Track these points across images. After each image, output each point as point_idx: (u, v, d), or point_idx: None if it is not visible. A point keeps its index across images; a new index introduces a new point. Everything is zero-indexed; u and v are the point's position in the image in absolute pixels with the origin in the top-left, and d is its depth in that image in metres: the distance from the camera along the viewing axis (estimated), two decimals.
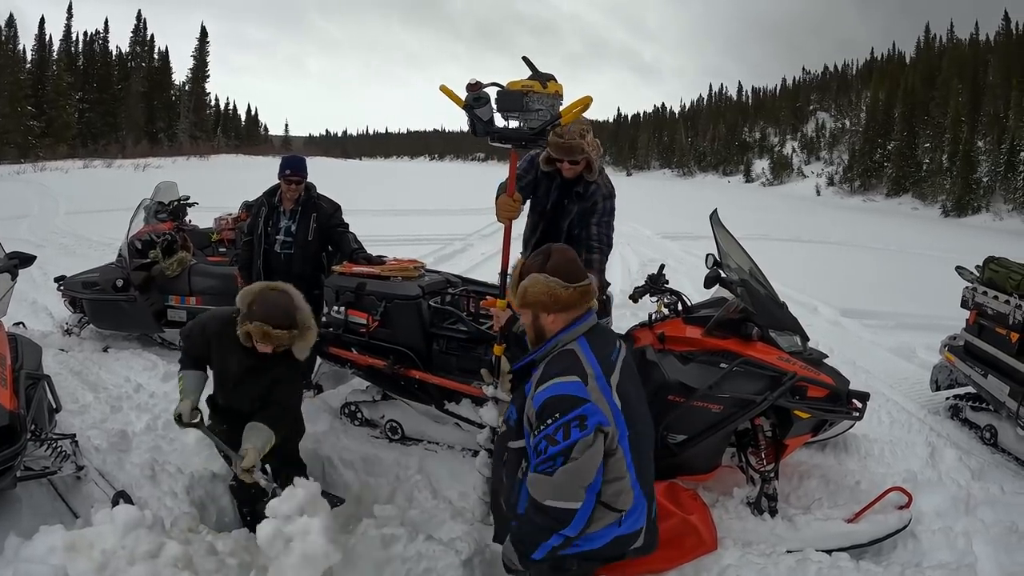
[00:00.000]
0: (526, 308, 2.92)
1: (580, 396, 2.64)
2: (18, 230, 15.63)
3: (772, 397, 4.03)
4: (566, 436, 2.60)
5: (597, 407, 2.65)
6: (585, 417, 2.61)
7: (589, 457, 2.63)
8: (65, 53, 60.68)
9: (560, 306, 2.83)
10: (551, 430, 2.62)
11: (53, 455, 4.05)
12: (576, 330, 2.85)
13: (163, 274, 7.30)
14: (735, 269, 4.53)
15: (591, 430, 2.61)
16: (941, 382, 6.28)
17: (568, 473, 2.62)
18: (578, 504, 2.66)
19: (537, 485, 2.69)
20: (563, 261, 2.89)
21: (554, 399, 2.65)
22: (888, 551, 4.05)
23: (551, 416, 2.63)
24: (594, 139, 4.46)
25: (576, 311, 2.87)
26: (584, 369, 2.72)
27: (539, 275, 2.84)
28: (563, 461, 2.62)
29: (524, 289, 2.87)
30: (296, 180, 5.61)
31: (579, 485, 2.66)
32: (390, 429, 5.24)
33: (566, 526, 2.69)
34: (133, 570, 3.03)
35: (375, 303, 4.96)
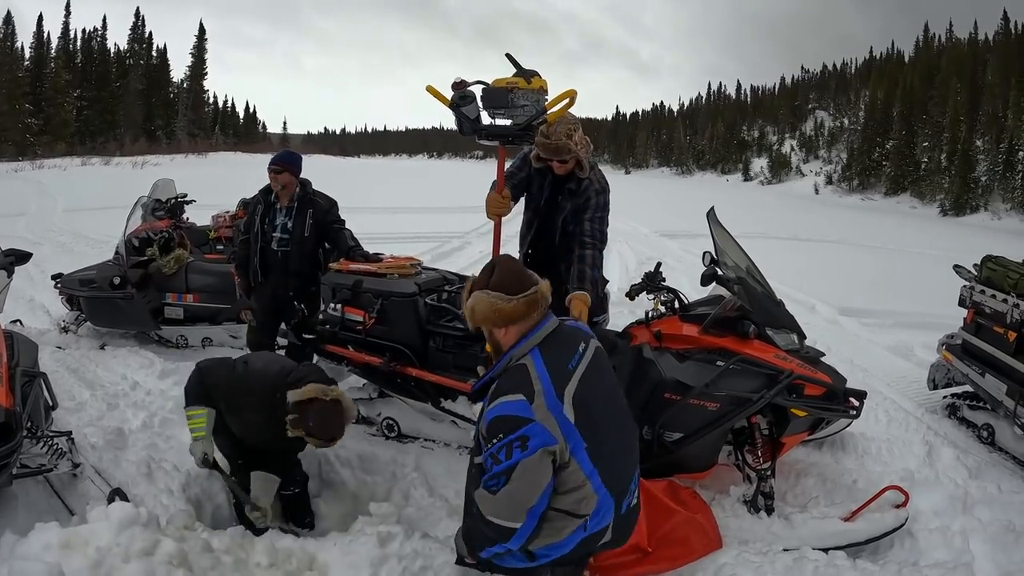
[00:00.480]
0: (477, 326, 2.92)
1: (524, 416, 2.62)
2: (16, 228, 15.62)
3: (769, 395, 4.03)
4: (508, 456, 2.61)
5: (542, 427, 2.62)
6: (528, 438, 2.59)
7: (531, 478, 2.63)
8: (63, 51, 60.68)
9: (507, 320, 2.81)
10: (495, 449, 2.63)
11: (49, 452, 4.04)
12: (529, 342, 2.81)
13: (160, 272, 7.30)
14: (732, 267, 4.52)
15: (532, 451, 2.60)
16: (938, 381, 6.29)
17: (509, 494, 2.64)
18: (517, 525, 2.68)
19: (482, 501, 2.72)
20: (506, 273, 2.86)
21: (499, 419, 2.65)
22: (885, 550, 4.05)
23: (495, 436, 2.64)
24: (583, 137, 4.42)
25: (527, 322, 2.83)
26: (532, 387, 2.68)
27: (481, 293, 2.83)
28: (505, 481, 2.63)
29: (471, 308, 2.87)
30: (276, 169, 5.58)
31: (520, 507, 2.66)
32: (387, 427, 5.24)
33: (506, 541, 2.72)
34: (128, 568, 3.02)
35: (372, 300, 4.95)
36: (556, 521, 2.77)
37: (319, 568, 3.44)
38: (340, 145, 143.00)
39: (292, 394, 3.72)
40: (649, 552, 3.53)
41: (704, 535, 3.73)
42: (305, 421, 3.67)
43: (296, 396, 3.70)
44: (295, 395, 3.71)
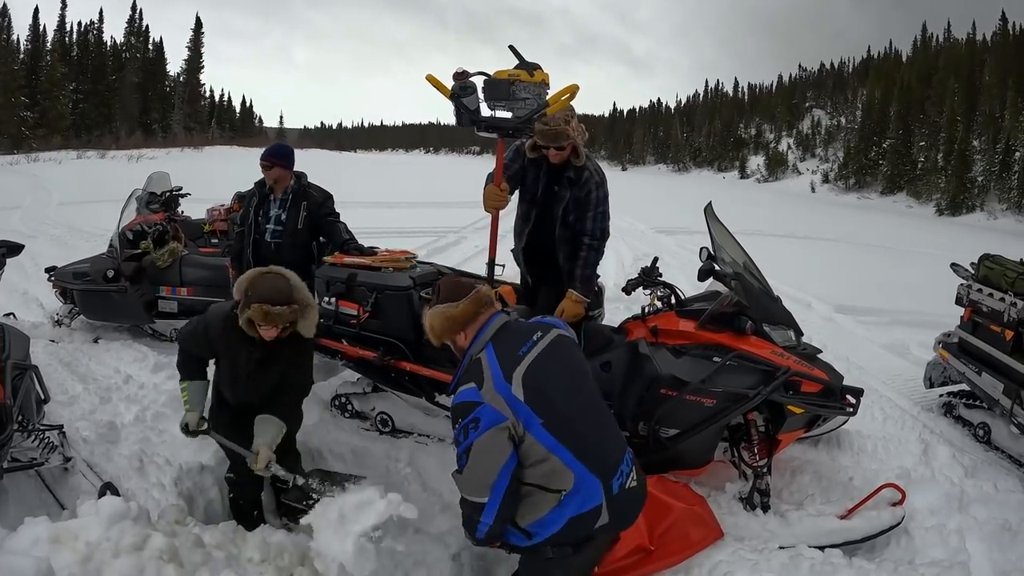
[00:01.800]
0: (441, 341, 3.15)
1: (474, 400, 2.85)
2: (10, 221, 15.56)
3: (766, 392, 4.02)
4: (465, 437, 2.83)
5: (491, 407, 2.83)
6: (479, 419, 2.81)
7: (488, 455, 2.82)
8: (59, 43, 60.43)
9: (460, 324, 3.06)
10: (456, 433, 2.88)
11: (40, 446, 4.03)
12: (482, 339, 3.04)
13: (154, 265, 7.26)
14: (729, 263, 4.51)
15: (483, 431, 2.80)
16: (935, 379, 6.28)
17: (471, 471, 2.85)
18: (484, 499, 2.85)
19: (456, 480, 2.95)
20: (447, 287, 3.15)
21: (456, 407, 2.90)
22: (881, 548, 4.06)
23: (455, 421, 2.88)
24: (579, 124, 4.42)
25: (479, 319, 3.06)
26: (482, 374, 2.91)
27: (431, 310, 3.11)
28: (467, 460, 2.85)
29: (430, 327, 3.12)
30: (265, 165, 5.57)
31: (482, 483, 2.84)
32: (380, 421, 5.22)
33: (480, 516, 2.88)
34: (117, 562, 3.00)
35: (366, 294, 4.92)
36: (533, 496, 2.93)
37: (311, 563, 3.41)
38: (336, 140, 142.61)
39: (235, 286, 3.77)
40: (652, 550, 3.53)
41: (704, 525, 3.73)
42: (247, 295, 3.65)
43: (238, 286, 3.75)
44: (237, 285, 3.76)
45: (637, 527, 3.51)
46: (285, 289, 3.70)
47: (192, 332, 4.02)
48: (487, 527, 2.89)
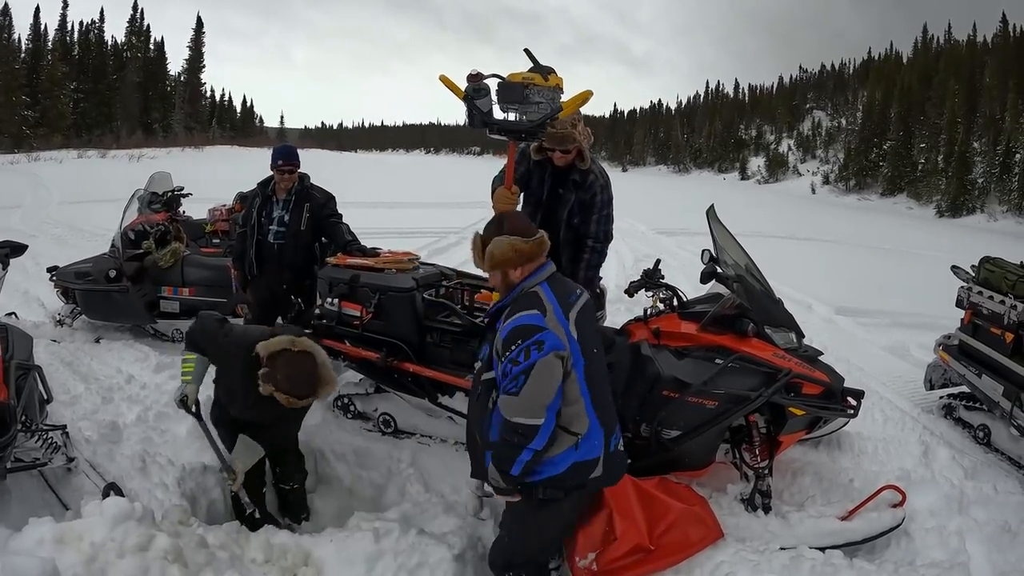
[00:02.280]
0: (495, 269, 3.22)
1: (538, 324, 2.99)
2: (11, 220, 15.54)
3: (767, 394, 4.03)
4: (526, 357, 2.94)
5: (553, 334, 2.99)
6: (543, 342, 2.95)
7: (548, 377, 2.96)
8: (60, 43, 60.35)
9: (524, 258, 3.17)
10: (514, 354, 2.97)
11: (43, 446, 4.03)
12: (539, 276, 3.19)
13: (156, 265, 7.28)
14: (731, 265, 4.52)
15: (547, 352, 2.94)
16: (935, 381, 6.30)
17: (530, 391, 2.94)
18: (540, 421, 2.96)
19: (506, 404, 2.99)
20: (517, 221, 3.29)
21: (517, 328, 3.01)
22: (881, 549, 4.07)
23: (514, 343, 2.98)
24: (585, 128, 4.45)
25: (537, 261, 3.21)
26: (544, 304, 3.07)
27: (501, 237, 3.17)
28: (525, 380, 2.94)
29: (491, 252, 3.18)
30: (289, 169, 5.59)
31: (540, 402, 2.97)
32: (383, 422, 5.23)
33: (531, 441, 2.98)
34: (122, 563, 3.02)
35: (369, 295, 4.93)
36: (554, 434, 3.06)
37: (314, 564, 3.44)
38: (337, 140, 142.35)
39: (262, 346, 3.71)
40: (652, 550, 3.54)
41: (704, 525, 3.74)
42: (274, 375, 3.63)
43: (264, 348, 3.69)
44: (264, 347, 3.70)
45: (637, 526, 3.53)
46: (311, 379, 3.71)
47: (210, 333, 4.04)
48: (532, 454, 3.00)
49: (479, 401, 3.32)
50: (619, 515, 3.52)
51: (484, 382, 3.26)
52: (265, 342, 3.71)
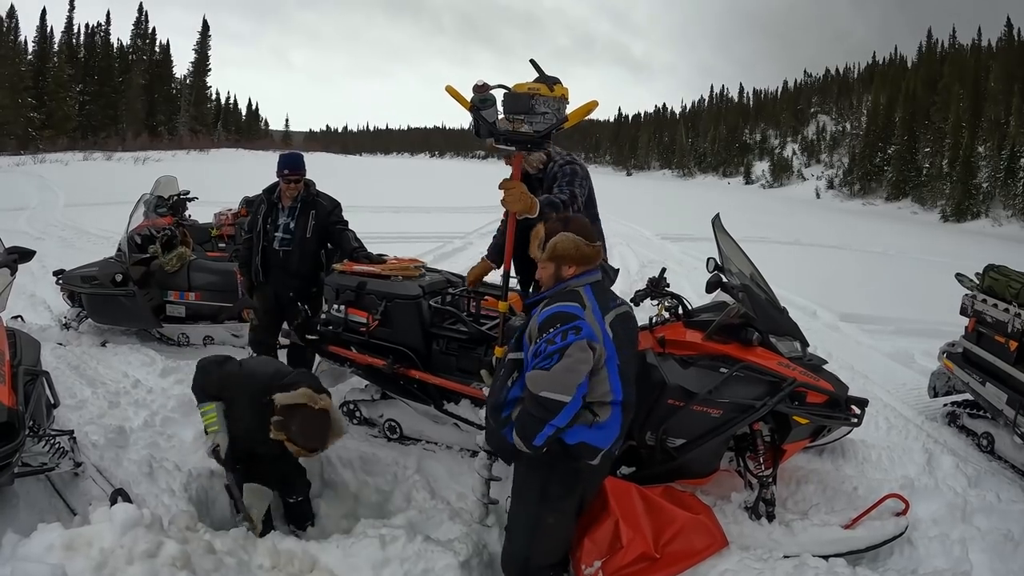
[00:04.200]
0: (551, 261, 3.36)
1: (576, 314, 3.14)
2: (17, 222, 15.59)
3: (772, 402, 4.03)
4: (563, 339, 3.06)
5: (589, 326, 3.13)
6: (580, 328, 3.08)
7: (580, 360, 3.06)
8: (66, 45, 60.62)
9: (583, 260, 3.33)
10: (551, 335, 3.09)
11: (51, 451, 4.04)
12: (585, 279, 3.35)
13: (162, 269, 7.31)
14: (736, 274, 4.53)
15: (582, 337, 3.07)
16: (939, 389, 6.30)
17: (563, 368, 3.04)
18: (568, 398, 3.06)
19: (535, 379, 3.09)
20: (582, 226, 3.39)
21: (556, 314, 3.14)
22: (884, 557, 4.07)
23: (552, 326, 3.11)
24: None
25: (589, 265, 3.37)
26: (583, 301, 3.22)
27: (568, 234, 3.32)
28: (559, 358, 3.05)
29: (554, 244, 3.33)
30: (295, 179, 5.60)
31: (571, 382, 3.06)
32: (388, 428, 5.24)
33: (555, 417, 3.07)
34: (131, 569, 3.03)
35: (375, 302, 4.96)
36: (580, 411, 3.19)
37: (321, 570, 3.45)
38: (342, 143, 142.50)
39: (280, 396, 3.72)
40: (657, 558, 3.55)
41: (709, 534, 3.74)
42: (288, 425, 3.66)
43: (284, 399, 3.70)
44: (283, 398, 3.70)
45: (643, 535, 3.54)
46: (325, 435, 3.77)
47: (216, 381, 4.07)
48: (554, 430, 3.10)
49: (502, 375, 3.43)
50: (625, 523, 3.53)
51: (510, 361, 3.38)
52: (284, 395, 3.72)
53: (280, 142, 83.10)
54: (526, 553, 3.39)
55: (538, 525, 3.36)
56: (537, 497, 3.35)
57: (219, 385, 4.05)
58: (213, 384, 4.07)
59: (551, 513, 3.37)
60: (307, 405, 3.68)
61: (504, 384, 3.35)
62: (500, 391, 3.37)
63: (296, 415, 3.67)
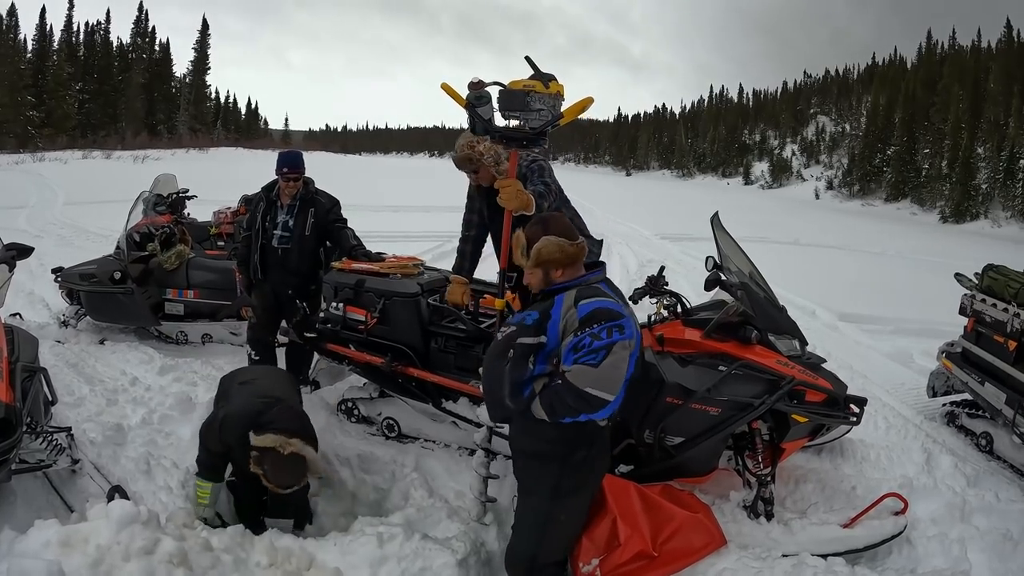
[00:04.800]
0: (538, 267, 3.31)
1: (620, 311, 3.14)
2: (16, 220, 15.57)
3: (770, 401, 4.03)
4: (609, 335, 3.05)
5: (631, 322, 3.16)
6: (624, 327, 3.09)
7: (623, 357, 3.09)
8: (66, 43, 60.58)
9: (569, 260, 3.27)
10: (596, 330, 3.06)
11: (48, 448, 4.05)
12: (597, 276, 3.34)
13: (161, 267, 7.31)
14: (735, 272, 4.52)
15: (628, 336, 3.09)
16: (938, 388, 6.30)
17: (611, 366, 3.05)
18: (612, 397, 3.09)
19: (580, 374, 3.06)
20: (561, 225, 3.34)
21: (600, 309, 3.11)
22: (883, 557, 4.07)
23: (597, 321, 3.08)
24: (489, 145, 4.40)
25: (578, 264, 3.33)
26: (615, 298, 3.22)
27: (549, 237, 3.26)
28: (606, 355, 3.04)
29: (538, 250, 3.27)
30: (294, 177, 5.60)
31: (617, 380, 3.09)
32: (387, 427, 5.24)
33: (596, 411, 3.13)
34: (128, 566, 3.03)
35: (374, 300, 4.96)
36: None
37: (318, 568, 3.45)
38: (341, 142, 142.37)
39: (252, 438, 3.74)
40: (655, 556, 3.55)
41: (707, 533, 3.74)
42: (261, 464, 3.70)
43: (255, 441, 3.72)
44: (254, 440, 3.73)
45: (641, 533, 3.53)
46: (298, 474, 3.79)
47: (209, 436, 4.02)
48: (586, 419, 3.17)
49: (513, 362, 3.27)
50: (623, 521, 3.52)
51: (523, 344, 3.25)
52: (255, 436, 3.74)
53: (279, 141, 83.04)
54: (534, 550, 3.37)
55: (548, 521, 3.35)
56: (549, 493, 3.33)
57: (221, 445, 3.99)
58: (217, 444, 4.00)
59: (563, 510, 3.36)
60: (275, 449, 3.69)
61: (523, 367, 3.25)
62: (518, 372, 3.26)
63: (267, 457, 3.70)
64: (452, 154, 4.55)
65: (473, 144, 4.39)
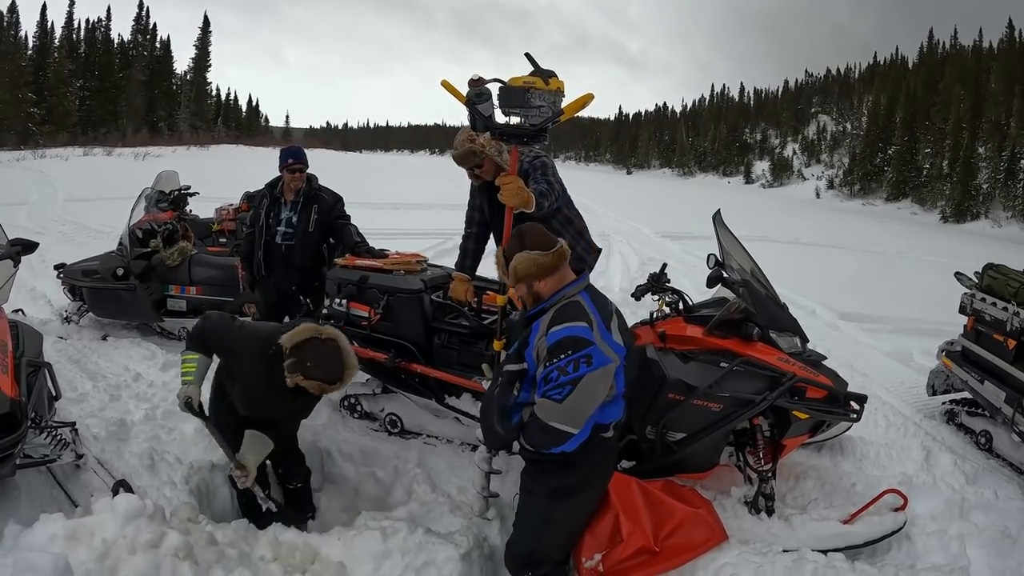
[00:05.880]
0: (520, 283, 3.30)
1: (587, 339, 3.06)
2: (17, 217, 15.56)
3: (771, 397, 4.04)
4: (575, 369, 3.01)
5: (600, 349, 3.07)
6: (591, 357, 3.03)
7: (592, 391, 3.07)
8: (67, 40, 60.53)
9: (547, 271, 3.23)
10: (563, 363, 3.03)
11: (52, 443, 4.05)
12: (579, 285, 3.28)
13: (163, 263, 7.32)
14: (737, 269, 4.54)
15: (596, 367, 3.03)
16: (937, 387, 6.31)
17: (575, 403, 3.04)
18: (575, 431, 3.08)
19: (545, 408, 3.08)
20: (535, 236, 3.30)
21: (568, 339, 3.05)
22: (883, 552, 4.08)
23: (564, 352, 3.04)
24: (489, 139, 4.41)
25: (561, 271, 3.28)
26: (589, 316, 3.13)
27: (522, 253, 3.24)
28: (571, 390, 3.02)
29: (514, 268, 3.26)
30: (299, 168, 5.62)
31: (581, 415, 3.08)
32: (389, 422, 5.26)
33: (563, 444, 3.13)
34: (134, 560, 3.03)
35: (377, 296, 4.98)
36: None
37: (322, 562, 3.46)
38: (342, 140, 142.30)
39: (285, 338, 3.64)
40: (657, 552, 3.56)
41: (709, 528, 3.75)
42: (302, 362, 3.58)
43: (289, 339, 3.62)
44: (288, 338, 3.63)
45: (642, 529, 3.55)
46: (340, 364, 3.66)
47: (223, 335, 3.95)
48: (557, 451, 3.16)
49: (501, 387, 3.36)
50: (625, 516, 3.53)
51: (509, 371, 3.31)
52: (290, 333, 3.66)
53: (280, 139, 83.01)
54: (532, 547, 3.39)
55: (547, 521, 3.37)
56: (549, 494, 3.36)
57: (222, 340, 3.94)
58: (215, 337, 3.96)
59: (562, 510, 3.39)
60: (314, 337, 3.65)
61: (509, 393, 3.31)
62: (504, 399, 3.31)
63: (306, 349, 3.60)
64: (452, 151, 4.55)
65: (473, 138, 4.40)
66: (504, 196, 3.90)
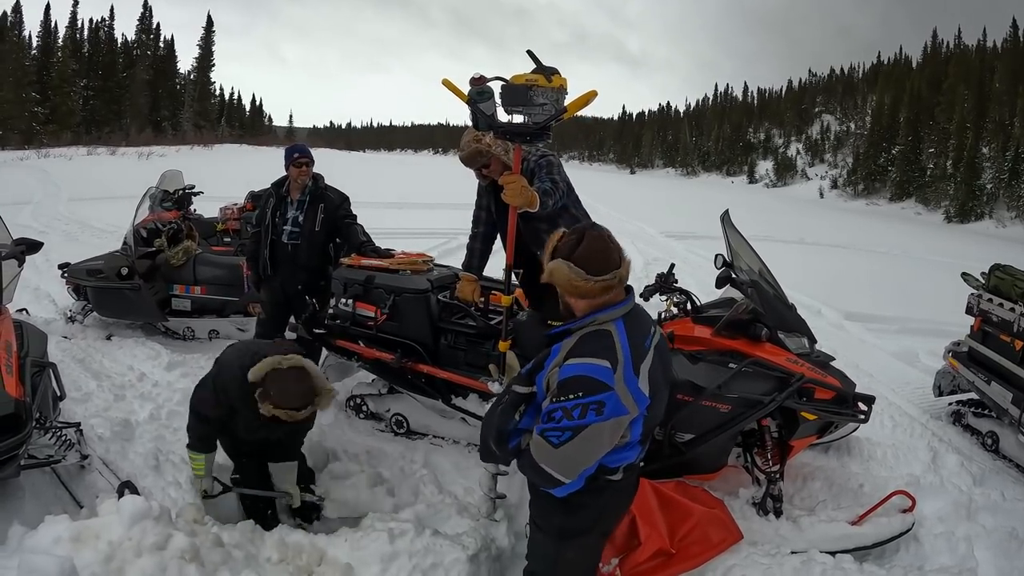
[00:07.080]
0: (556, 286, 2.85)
1: (605, 382, 2.63)
2: (21, 216, 15.58)
3: (780, 398, 4.03)
4: (582, 416, 2.63)
5: (618, 397, 2.65)
6: (604, 405, 2.62)
7: (595, 444, 2.69)
8: (70, 40, 60.57)
9: (580, 295, 2.78)
10: (570, 404, 2.64)
11: (57, 443, 4.05)
12: (615, 312, 2.80)
13: (168, 263, 7.32)
14: (746, 270, 4.53)
15: (606, 418, 2.63)
16: (944, 388, 6.30)
17: (572, 452, 2.67)
18: (567, 480, 2.74)
19: (539, 448, 2.73)
20: (592, 252, 2.78)
21: (582, 377, 2.65)
22: (891, 554, 4.07)
23: (574, 392, 2.64)
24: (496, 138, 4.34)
25: (600, 299, 2.80)
26: (616, 355, 2.69)
27: (564, 263, 2.76)
28: (571, 437, 2.65)
29: (550, 271, 2.79)
30: (305, 161, 5.60)
31: (577, 466, 2.73)
32: (396, 423, 5.25)
33: (553, 487, 2.81)
34: (140, 562, 3.03)
35: (383, 296, 4.97)
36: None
37: (329, 563, 3.45)
38: (346, 139, 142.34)
39: (250, 373, 3.69)
40: (673, 553, 3.55)
41: (725, 528, 3.74)
42: (268, 394, 3.63)
43: (253, 375, 3.68)
44: (252, 374, 3.69)
45: (659, 531, 3.53)
46: (307, 391, 3.70)
47: (204, 400, 3.99)
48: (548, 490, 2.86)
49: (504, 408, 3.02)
50: (642, 520, 3.51)
51: (515, 392, 2.99)
52: (254, 368, 3.70)
53: (284, 138, 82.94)
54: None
55: (559, 561, 3.14)
56: (556, 533, 3.07)
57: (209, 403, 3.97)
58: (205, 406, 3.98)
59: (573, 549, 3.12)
60: (276, 368, 3.67)
61: (510, 416, 2.96)
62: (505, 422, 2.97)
63: (269, 381, 3.65)
64: (459, 152, 4.53)
65: (479, 137, 4.35)
66: (507, 196, 3.84)
